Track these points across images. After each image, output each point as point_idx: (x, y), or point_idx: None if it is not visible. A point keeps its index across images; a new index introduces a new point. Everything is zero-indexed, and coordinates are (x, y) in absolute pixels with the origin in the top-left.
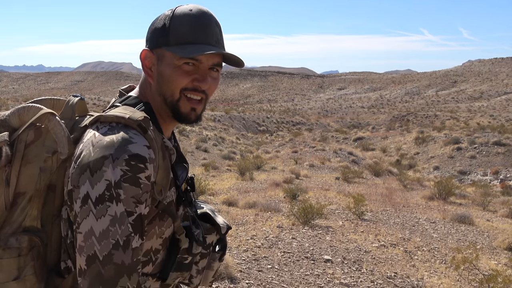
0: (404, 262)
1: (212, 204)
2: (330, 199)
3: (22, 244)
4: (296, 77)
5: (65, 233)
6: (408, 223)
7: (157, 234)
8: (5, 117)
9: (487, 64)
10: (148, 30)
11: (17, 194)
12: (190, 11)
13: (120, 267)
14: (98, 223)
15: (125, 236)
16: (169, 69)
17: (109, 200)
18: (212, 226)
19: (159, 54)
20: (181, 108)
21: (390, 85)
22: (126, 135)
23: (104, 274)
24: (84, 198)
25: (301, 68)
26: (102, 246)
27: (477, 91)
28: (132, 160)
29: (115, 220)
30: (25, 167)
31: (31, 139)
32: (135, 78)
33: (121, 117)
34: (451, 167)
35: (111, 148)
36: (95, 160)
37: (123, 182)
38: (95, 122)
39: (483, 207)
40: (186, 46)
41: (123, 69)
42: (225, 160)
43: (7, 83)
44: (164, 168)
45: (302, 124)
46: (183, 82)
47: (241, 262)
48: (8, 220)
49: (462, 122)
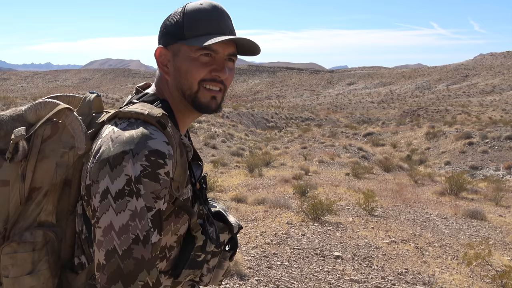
0: (415, 258)
1: (221, 200)
2: (340, 195)
3: (37, 239)
4: (305, 72)
5: (79, 229)
6: (419, 219)
7: (172, 231)
8: (22, 112)
9: (499, 57)
10: (160, 29)
11: (33, 189)
12: (201, 5)
13: (139, 261)
14: (118, 218)
15: (145, 231)
16: (186, 62)
17: (129, 195)
18: (225, 224)
19: (174, 50)
20: (201, 99)
21: (400, 79)
22: (146, 131)
23: (123, 268)
24: (104, 193)
25: (310, 63)
26: (122, 240)
27: (489, 85)
28: (152, 155)
29: (135, 215)
30: (41, 162)
31: (48, 134)
32: (142, 75)
33: (140, 113)
34: (463, 162)
35: (131, 143)
36: (115, 155)
37: (143, 177)
38: (114, 118)
39: (495, 203)
40: (201, 37)
41: (131, 66)
42: (234, 157)
43: (15, 81)
44: (181, 165)
45: (311, 119)
46: (201, 74)
47: (251, 259)
48: (23, 215)
49: (473, 116)
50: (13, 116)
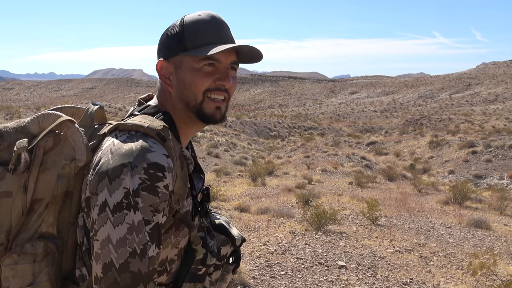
0: (419, 268)
1: (224, 210)
2: (344, 205)
3: (38, 250)
4: (307, 81)
5: (80, 240)
6: (423, 228)
7: (173, 244)
8: (25, 124)
9: (501, 66)
10: (159, 42)
11: (35, 201)
12: (199, 16)
13: (136, 275)
14: (116, 231)
15: (142, 245)
16: (190, 73)
17: (127, 208)
18: (227, 237)
19: (176, 62)
20: (205, 109)
21: (403, 88)
22: (145, 144)
23: (120, 282)
24: (102, 206)
25: (312, 72)
26: (119, 254)
27: (492, 93)
28: (151, 168)
29: (133, 228)
30: (43, 174)
31: (50, 146)
32: (145, 85)
33: (140, 125)
34: (466, 171)
35: (130, 156)
36: (113, 167)
37: (141, 190)
38: (114, 130)
39: (500, 212)
40: (203, 48)
41: (134, 75)
42: (237, 166)
43: (19, 91)
44: (181, 178)
45: (314, 129)
46: (205, 84)
47: (254, 269)
48: (25, 226)
49: (477, 125)
50: (16, 127)
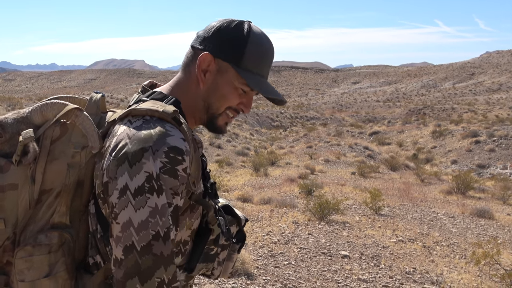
0: (423, 258)
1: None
2: (346, 194)
3: (53, 241)
4: (309, 71)
5: (94, 228)
6: (426, 218)
7: (187, 226)
8: (27, 114)
9: (505, 55)
10: (213, 32)
11: (43, 191)
12: (265, 40)
13: (158, 258)
14: (137, 214)
15: (166, 228)
16: (228, 87)
17: (149, 192)
18: (233, 218)
19: (222, 67)
20: (218, 121)
21: (405, 78)
22: (163, 128)
23: (141, 264)
24: (123, 189)
25: (314, 62)
26: (141, 236)
27: (495, 83)
28: (171, 152)
29: (156, 211)
30: (51, 164)
31: (57, 135)
32: (147, 75)
33: (155, 110)
34: (470, 160)
35: (150, 140)
36: (134, 152)
37: (163, 174)
38: (126, 116)
39: (503, 201)
40: (254, 76)
41: (135, 66)
42: (239, 156)
43: (20, 82)
44: (196, 160)
45: (316, 119)
46: (233, 103)
47: (258, 258)
48: (33, 218)
49: (480, 114)
50: (17, 118)
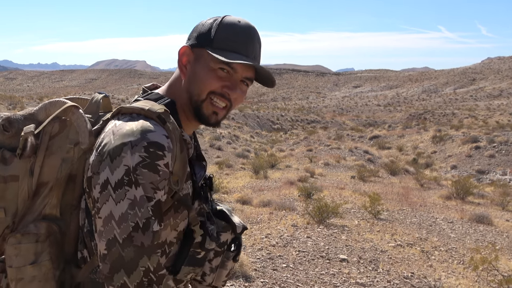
0: (421, 262)
1: (226, 202)
2: (346, 198)
3: (40, 231)
4: (311, 74)
5: (82, 223)
6: (425, 222)
7: (172, 226)
8: (34, 111)
9: (507, 61)
10: (193, 29)
11: (40, 184)
12: (238, 22)
13: (139, 248)
14: (118, 207)
15: (145, 219)
16: (204, 70)
17: (128, 185)
18: (227, 224)
19: (198, 54)
20: (203, 109)
21: (407, 83)
22: (145, 124)
23: (124, 256)
24: (104, 184)
25: (316, 65)
26: (122, 229)
27: (496, 89)
28: (151, 147)
29: (134, 203)
30: (49, 158)
31: (55, 131)
32: (148, 76)
33: (141, 108)
34: (469, 166)
35: (131, 135)
36: (114, 147)
37: (142, 168)
38: (117, 114)
39: (502, 207)
40: (226, 53)
41: (137, 67)
42: (239, 158)
43: (22, 81)
44: (181, 160)
45: (317, 122)
46: (213, 85)
47: (256, 261)
48: (31, 209)
49: (480, 120)
50: (25, 115)
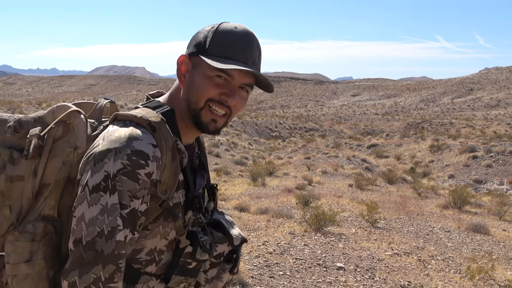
0: (418, 271)
1: (224, 209)
2: (343, 206)
3: (37, 230)
4: (309, 83)
5: None
6: (422, 231)
7: (161, 234)
8: (43, 114)
9: (504, 72)
10: (192, 38)
11: (43, 185)
12: (235, 28)
13: (98, 255)
14: (89, 210)
15: (111, 227)
16: (201, 77)
17: (103, 191)
18: (224, 235)
19: (195, 62)
20: (201, 117)
21: (405, 92)
22: (134, 131)
23: (84, 258)
24: (83, 186)
25: (314, 74)
26: (88, 232)
27: (494, 99)
28: (134, 155)
29: (105, 210)
30: (52, 160)
31: (59, 135)
32: (147, 82)
33: (134, 115)
34: (467, 175)
35: (117, 142)
36: (100, 151)
37: (122, 175)
38: (114, 120)
39: (499, 217)
40: (222, 59)
41: (136, 73)
42: (237, 166)
43: (21, 86)
44: (171, 168)
45: (315, 130)
46: (210, 93)
47: (253, 268)
48: (32, 209)
49: (478, 130)
50: (35, 118)
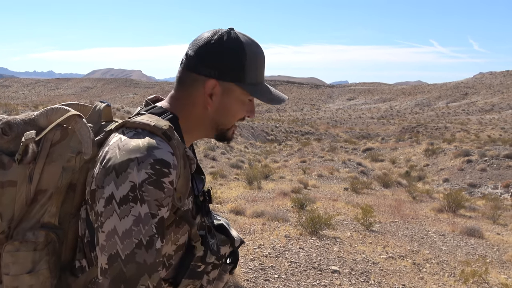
0: (412, 275)
1: (220, 212)
2: (338, 210)
3: (39, 239)
4: (305, 86)
5: (82, 232)
6: (417, 235)
7: (172, 241)
8: (35, 116)
9: (498, 76)
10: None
11: (39, 191)
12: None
13: (142, 266)
14: (122, 223)
15: (149, 236)
16: (236, 104)
17: (133, 201)
18: (227, 238)
19: (226, 88)
20: (229, 134)
21: (400, 96)
22: (152, 141)
23: (126, 272)
24: (108, 199)
25: (310, 78)
26: (125, 245)
27: (488, 103)
28: (157, 164)
29: (139, 220)
30: (49, 165)
31: (57, 139)
32: (144, 86)
33: (147, 124)
34: (461, 179)
35: (137, 151)
36: (121, 162)
37: (148, 184)
38: (121, 127)
39: (493, 221)
40: (257, 87)
41: (133, 76)
42: (233, 169)
43: (17, 88)
44: (184, 176)
45: (311, 134)
46: (241, 115)
47: (248, 271)
48: (27, 216)
49: (472, 134)
50: (25, 119)
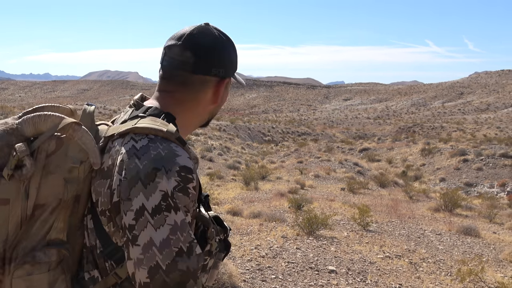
0: (409, 274)
1: (217, 213)
2: (335, 210)
3: (52, 258)
4: (301, 87)
5: (92, 243)
6: (414, 234)
7: None
8: (17, 125)
9: (493, 76)
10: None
11: (36, 206)
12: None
13: (185, 273)
14: (158, 233)
15: (188, 243)
16: (227, 92)
17: (167, 210)
18: (222, 228)
19: (227, 82)
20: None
21: (396, 96)
22: (171, 148)
23: (169, 283)
24: (139, 211)
25: (307, 78)
26: (164, 255)
27: (483, 103)
28: (182, 171)
29: (176, 228)
30: (46, 178)
31: (52, 149)
32: (140, 87)
33: (159, 130)
34: (457, 179)
35: (161, 160)
36: (146, 172)
37: (177, 192)
38: (128, 133)
39: (489, 219)
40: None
41: (129, 78)
42: (230, 170)
43: (13, 91)
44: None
45: (307, 134)
46: None
47: (245, 272)
48: (26, 234)
49: (468, 133)
50: (7, 130)
